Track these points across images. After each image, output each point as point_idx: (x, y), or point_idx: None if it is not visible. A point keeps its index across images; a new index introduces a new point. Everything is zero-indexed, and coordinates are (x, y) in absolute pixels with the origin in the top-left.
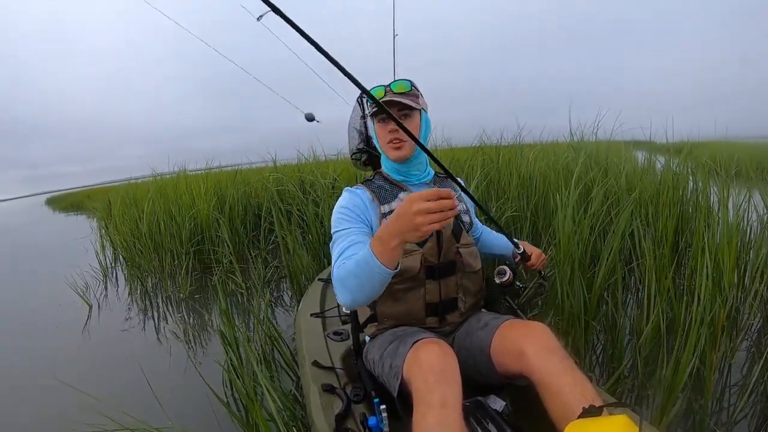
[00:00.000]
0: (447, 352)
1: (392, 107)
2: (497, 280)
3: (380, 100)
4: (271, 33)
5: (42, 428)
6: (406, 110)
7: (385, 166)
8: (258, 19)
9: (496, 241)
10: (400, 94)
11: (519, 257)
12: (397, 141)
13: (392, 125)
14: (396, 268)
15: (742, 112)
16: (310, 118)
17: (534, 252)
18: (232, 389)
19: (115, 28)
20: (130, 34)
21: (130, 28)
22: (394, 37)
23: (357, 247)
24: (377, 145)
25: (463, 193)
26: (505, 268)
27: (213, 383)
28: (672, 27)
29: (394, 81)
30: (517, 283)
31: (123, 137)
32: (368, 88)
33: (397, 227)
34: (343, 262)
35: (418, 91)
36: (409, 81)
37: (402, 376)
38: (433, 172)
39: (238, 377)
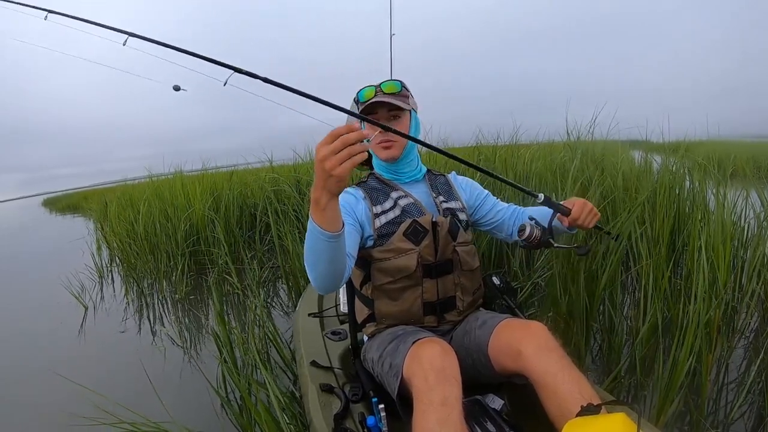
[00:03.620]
0: (447, 351)
1: (382, 107)
2: (517, 237)
3: (370, 100)
4: (241, 90)
5: (43, 424)
6: (396, 111)
7: (376, 166)
8: (224, 84)
9: (537, 214)
10: (390, 94)
11: (555, 213)
12: (387, 141)
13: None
14: (338, 231)
15: (739, 110)
16: (176, 88)
17: (576, 204)
18: (226, 389)
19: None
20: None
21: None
22: (390, 37)
23: None
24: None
25: (459, 190)
26: (525, 224)
27: (208, 383)
28: (669, 23)
29: (384, 81)
30: (551, 241)
31: (122, 139)
32: (361, 87)
33: (317, 183)
34: None
35: (409, 91)
36: (400, 81)
37: (402, 375)
38: (425, 169)
39: (233, 377)
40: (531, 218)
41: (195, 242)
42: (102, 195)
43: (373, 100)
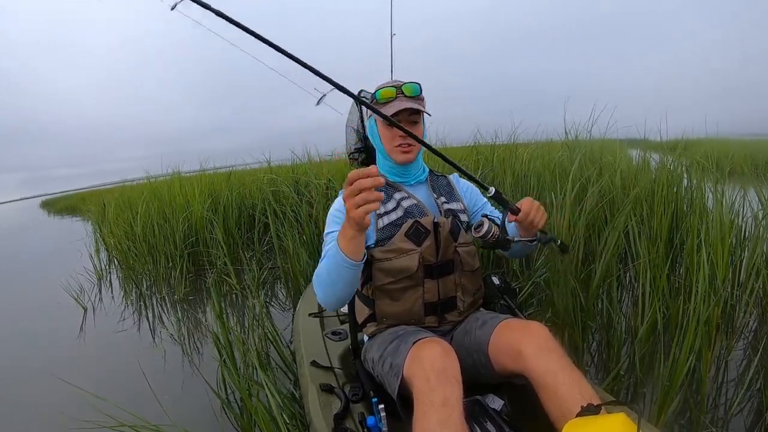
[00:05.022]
0: (448, 352)
1: (404, 111)
2: (474, 234)
3: (391, 102)
4: (190, 19)
5: (43, 424)
6: (415, 115)
7: (382, 167)
8: (172, 9)
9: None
10: (411, 98)
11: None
12: (406, 146)
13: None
14: (360, 260)
15: (739, 110)
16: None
17: (525, 201)
18: (226, 390)
19: (112, 29)
20: (124, 34)
21: (127, 28)
22: (391, 36)
23: None
24: (379, 147)
25: (461, 192)
26: (483, 220)
27: (207, 385)
28: (669, 23)
29: (406, 83)
30: (508, 239)
31: (122, 139)
32: (374, 87)
33: (346, 216)
34: (321, 261)
35: (422, 93)
36: (418, 84)
37: (403, 375)
38: (428, 170)
39: (232, 378)
40: (484, 215)
41: (194, 243)
42: (100, 196)
43: (400, 107)
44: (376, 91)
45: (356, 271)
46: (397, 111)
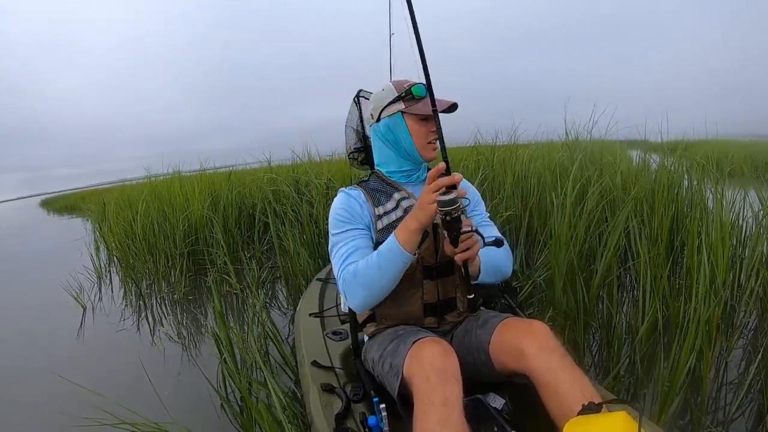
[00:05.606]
0: (448, 351)
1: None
2: (438, 197)
3: (423, 100)
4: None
5: (43, 424)
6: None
7: (389, 167)
8: None
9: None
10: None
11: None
12: (434, 141)
13: (434, 126)
14: (414, 255)
15: (739, 110)
16: None
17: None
18: (226, 388)
19: (112, 29)
20: (125, 34)
21: (127, 28)
22: (390, 36)
23: (360, 253)
24: (408, 143)
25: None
26: (453, 191)
27: (209, 383)
28: (669, 23)
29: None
30: (460, 227)
31: (122, 139)
32: (374, 87)
33: (414, 210)
34: (349, 264)
35: None
36: None
37: (403, 375)
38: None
39: (233, 377)
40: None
41: (193, 242)
42: (100, 195)
43: (431, 109)
44: (411, 87)
45: (406, 266)
46: (425, 105)
